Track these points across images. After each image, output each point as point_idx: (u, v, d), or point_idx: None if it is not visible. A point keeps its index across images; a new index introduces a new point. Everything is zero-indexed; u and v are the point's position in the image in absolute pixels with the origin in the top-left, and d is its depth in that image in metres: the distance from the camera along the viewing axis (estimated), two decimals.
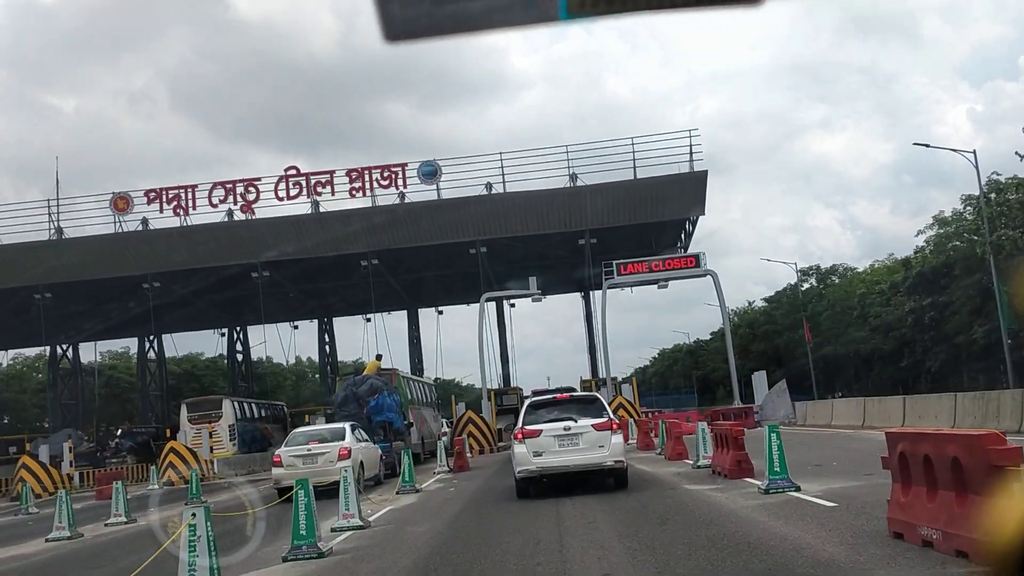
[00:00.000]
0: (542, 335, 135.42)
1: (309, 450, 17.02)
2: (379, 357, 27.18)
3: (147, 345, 51.06)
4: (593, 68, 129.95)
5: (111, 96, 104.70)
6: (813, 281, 67.37)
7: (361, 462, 17.52)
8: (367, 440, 19.20)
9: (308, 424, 29.48)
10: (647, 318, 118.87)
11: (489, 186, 38.97)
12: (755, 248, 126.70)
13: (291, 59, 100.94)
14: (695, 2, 1.38)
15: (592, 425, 12.43)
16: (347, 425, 18.30)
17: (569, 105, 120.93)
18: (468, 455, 28.30)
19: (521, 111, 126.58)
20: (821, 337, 57.77)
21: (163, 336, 51.25)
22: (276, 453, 17.58)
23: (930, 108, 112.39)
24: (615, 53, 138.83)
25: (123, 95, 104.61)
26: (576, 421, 12.48)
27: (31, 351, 62.91)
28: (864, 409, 23.83)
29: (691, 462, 16.02)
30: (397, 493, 15.78)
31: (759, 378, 33.38)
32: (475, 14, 1.36)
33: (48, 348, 50.18)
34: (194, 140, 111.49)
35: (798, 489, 10.35)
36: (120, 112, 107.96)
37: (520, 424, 12.70)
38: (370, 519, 11.74)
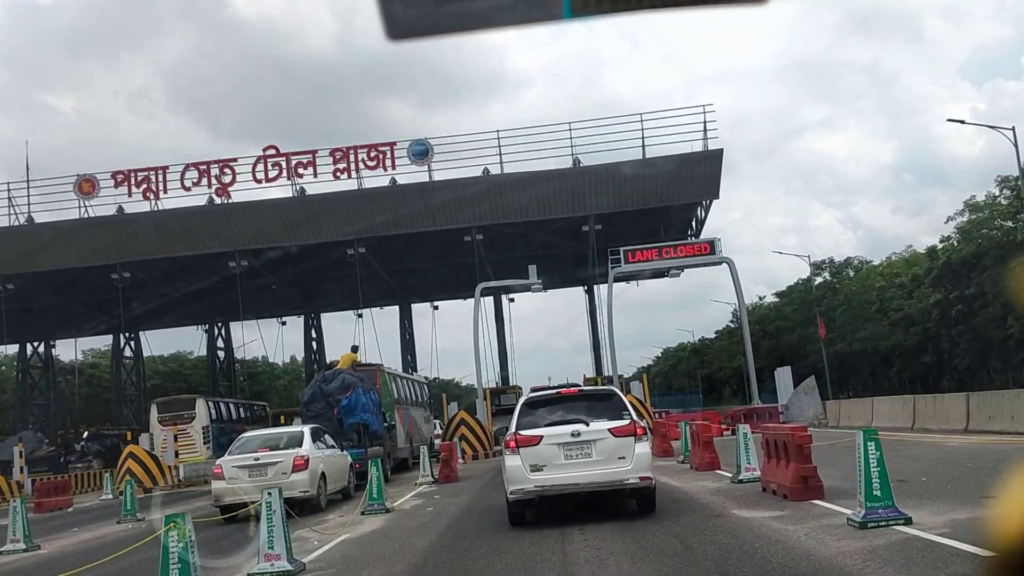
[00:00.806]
0: (543, 335, 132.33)
1: (257, 459, 13.91)
2: (355, 348, 24.08)
3: (123, 341, 47.91)
4: (593, 66, 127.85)
5: (110, 95, 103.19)
6: (827, 275, 64.31)
7: (323, 473, 14.44)
8: (334, 446, 16.09)
9: (284, 425, 26.55)
10: (650, 317, 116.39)
11: (486, 171, 35.91)
12: (756, 247, 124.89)
13: (290, 58, 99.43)
14: (700, 1, 1.34)
15: (610, 430, 9.32)
16: (306, 428, 15.19)
17: (570, 104, 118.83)
18: (460, 461, 25.26)
19: (522, 110, 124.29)
20: (836, 333, 54.74)
21: (148, 333, 48.32)
22: (216, 463, 14.50)
23: (931, 107, 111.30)
24: (615, 51, 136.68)
25: (122, 94, 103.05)
26: (588, 424, 9.38)
27: (9, 348, 59.96)
28: (914, 408, 20.68)
29: (727, 474, 12.91)
30: (362, 514, 12.67)
31: (783, 374, 30.22)
32: (478, 12, 1.35)
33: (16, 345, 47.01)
34: (193, 139, 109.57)
35: (909, 522, 7.24)
36: (119, 111, 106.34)
37: (513, 428, 9.60)
38: (308, 559, 8.63)
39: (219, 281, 38.80)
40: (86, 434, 39.43)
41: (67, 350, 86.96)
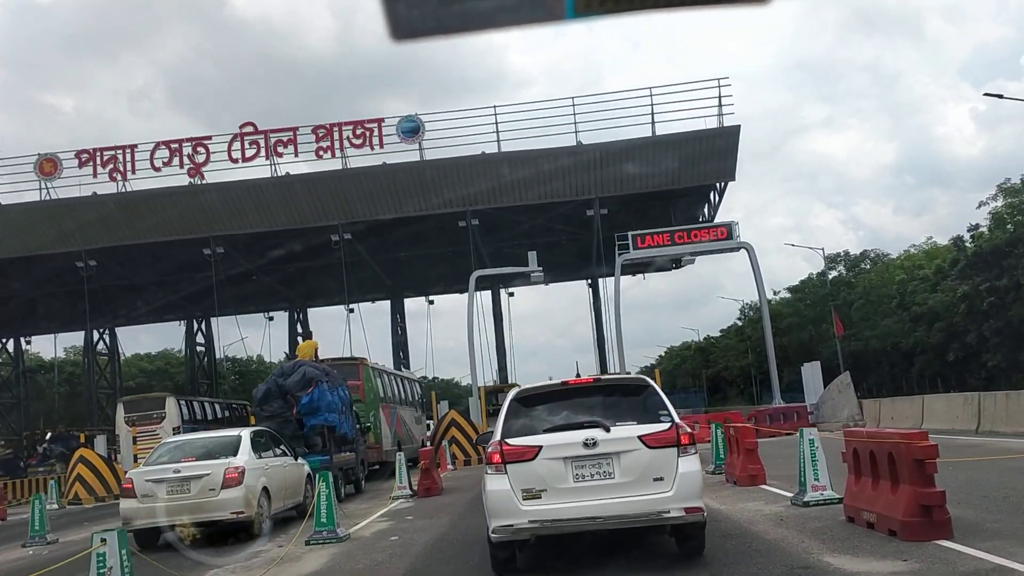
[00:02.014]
0: (545, 335, 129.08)
1: (177, 472, 10.93)
2: (309, 335, 21.11)
3: (96, 336, 45.01)
4: (594, 66, 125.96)
5: (110, 95, 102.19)
6: (841, 269, 61.40)
7: (265, 488, 11.44)
8: (285, 453, 13.11)
9: (252, 426, 23.70)
10: (651, 318, 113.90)
11: (483, 155, 33.07)
12: (758, 247, 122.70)
13: (289, 57, 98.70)
14: (703, 1, 1.36)
15: (641, 437, 6.32)
16: (245, 432, 12.20)
17: (569, 103, 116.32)
18: (451, 467, 22.38)
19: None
20: (852, 330, 51.82)
21: (136, 330, 45.65)
22: (127, 476, 11.53)
23: (932, 107, 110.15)
24: (616, 51, 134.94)
25: (122, 93, 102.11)
26: (608, 429, 6.37)
27: None
28: (979, 407, 17.67)
29: (781, 492, 9.95)
30: (307, 543, 9.70)
31: (810, 370, 27.22)
32: (482, 13, 1.35)
33: None
34: None
35: None
36: (119, 111, 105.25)
37: (498, 434, 6.61)
38: None
39: (195, 270, 35.96)
40: (48, 436, 36.42)
41: (48, 346, 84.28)
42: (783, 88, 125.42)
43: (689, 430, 6.52)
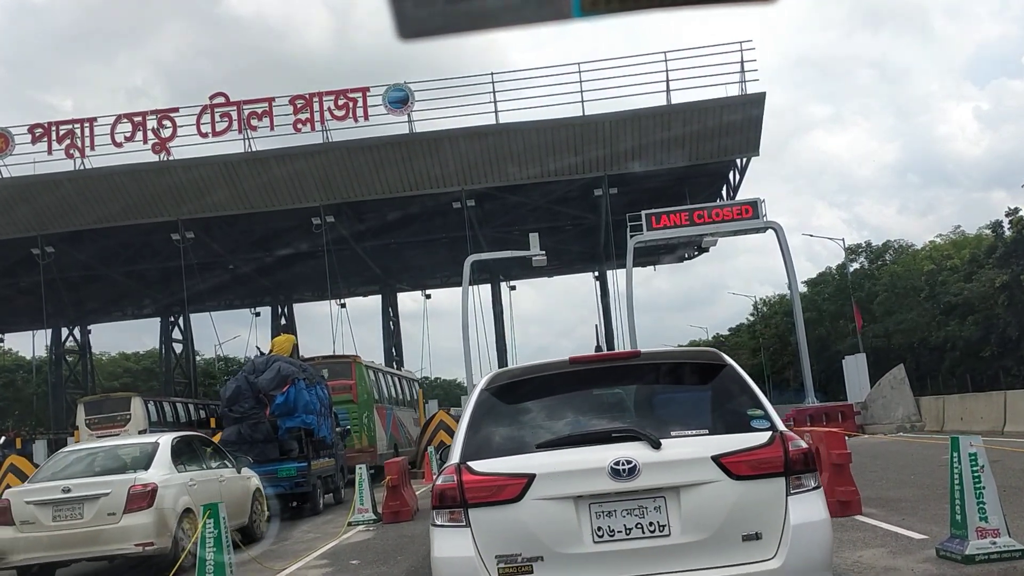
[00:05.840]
0: (548, 336, 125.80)
1: (67, 491, 7.89)
2: (293, 331, 18.11)
3: (66, 333, 41.98)
4: (595, 66, 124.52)
5: (108, 93, 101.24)
6: (863, 261, 58.20)
7: (188, 511, 8.28)
8: (225, 464, 9.89)
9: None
10: (654, 319, 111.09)
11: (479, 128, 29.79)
12: (761, 247, 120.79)
13: (286, 54, 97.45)
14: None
15: (720, 459, 3.09)
16: (164, 439, 9.11)
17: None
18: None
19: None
20: (875, 324, 48.63)
21: (119, 325, 42.52)
22: (4, 496, 8.52)
23: (935, 106, 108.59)
24: (616, 50, 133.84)
25: (120, 92, 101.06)
26: (658, 445, 3.08)
27: None
28: None
29: (908, 533, 6.57)
30: None
31: (854, 363, 23.84)
32: (489, 12, 1.34)
33: None
34: None
35: None
36: (118, 109, 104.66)
37: (456, 454, 3.35)
38: None
39: (165, 259, 32.78)
40: (3, 440, 33.25)
41: (21, 342, 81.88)
42: (788, 86, 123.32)
43: (805, 445, 3.19)
